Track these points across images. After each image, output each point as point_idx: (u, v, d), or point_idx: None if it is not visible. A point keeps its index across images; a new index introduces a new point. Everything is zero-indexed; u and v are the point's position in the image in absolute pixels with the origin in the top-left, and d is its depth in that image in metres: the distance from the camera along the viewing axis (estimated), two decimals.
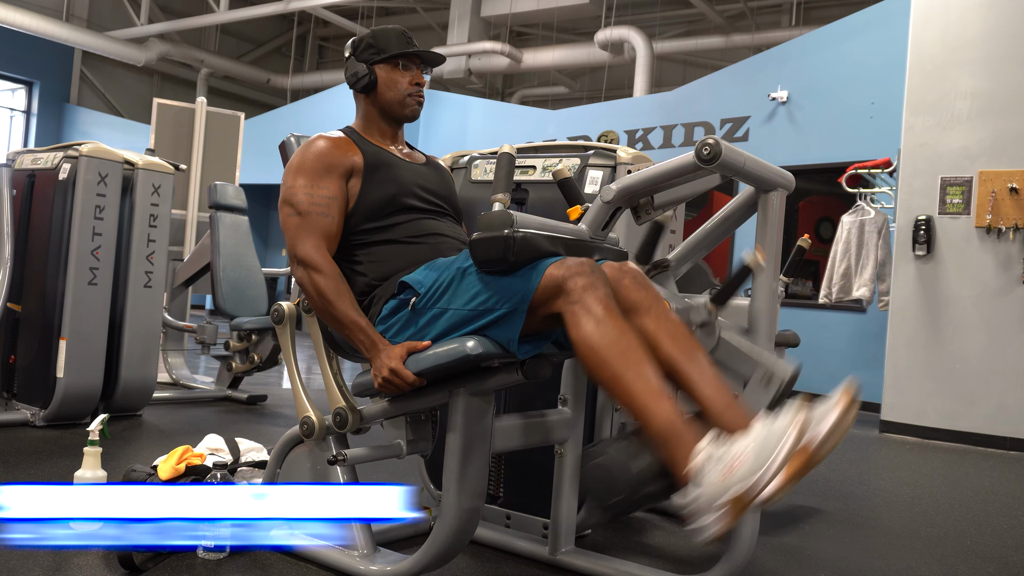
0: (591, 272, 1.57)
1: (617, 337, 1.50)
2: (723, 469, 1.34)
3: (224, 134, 6.59)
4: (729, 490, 1.32)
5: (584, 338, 1.52)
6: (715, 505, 1.33)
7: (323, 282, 1.83)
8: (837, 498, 3.22)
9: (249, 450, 2.33)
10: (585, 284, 1.54)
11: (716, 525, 1.34)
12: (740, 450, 1.35)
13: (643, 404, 1.45)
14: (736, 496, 1.31)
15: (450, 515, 1.75)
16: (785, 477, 1.31)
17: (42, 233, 3.43)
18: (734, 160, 1.64)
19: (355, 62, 2.03)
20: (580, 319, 1.53)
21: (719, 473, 1.34)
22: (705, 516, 1.34)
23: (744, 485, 1.31)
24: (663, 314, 1.64)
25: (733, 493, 1.32)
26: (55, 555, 1.88)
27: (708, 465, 1.36)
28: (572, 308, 1.54)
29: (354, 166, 1.95)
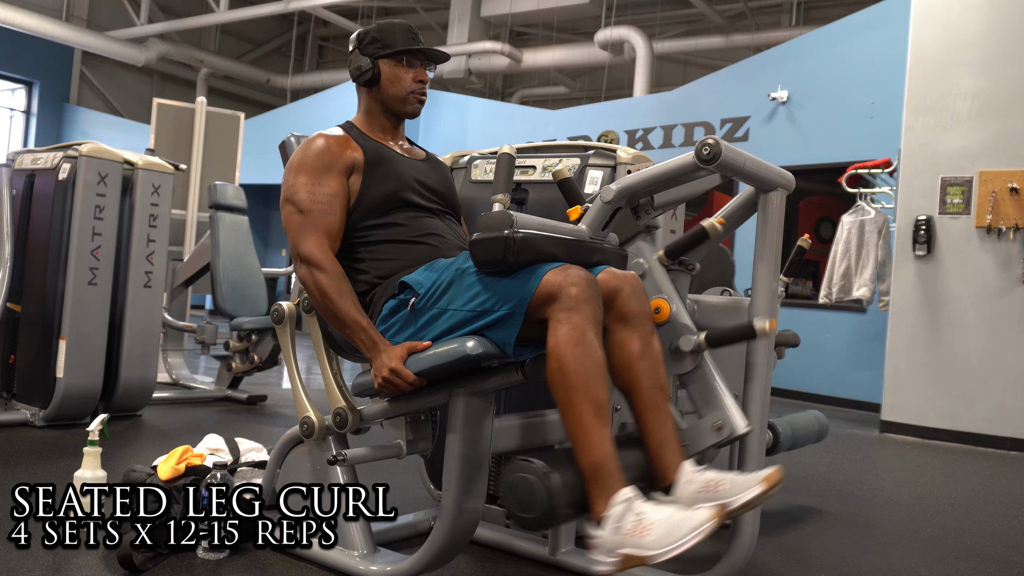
0: (587, 287, 1.58)
1: (588, 364, 1.54)
2: (634, 527, 1.42)
3: (224, 134, 6.59)
4: (630, 548, 1.41)
5: (558, 350, 1.54)
6: (614, 552, 1.43)
7: (326, 280, 1.83)
8: (837, 498, 3.22)
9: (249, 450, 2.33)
10: (579, 297, 1.55)
11: (605, 567, 1.44)
12: (654, 519, 1.42)
13: (586, 436, 1.51)
14: (634, 556, 1.41)
15: (450, 515, 1.75)
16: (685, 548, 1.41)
17: (42, 233, 3.43)
18: (734, 160, 1.64)
19: (359, 55, 2.03)
20: (561, 329, 1.55)
21: (630, 527, 1.43)
22: (602, 555, 1.45)
23: (645, 553, 1.39)
24: (648, 334, 1.69)
25: (632, 552, 1.41)
26: (55, 555, 1.88)
27: (623, 516, 1.44)
28: (559, 315, 1.56)
29: (355, 162, 1.95)
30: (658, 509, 1.45)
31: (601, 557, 1.45)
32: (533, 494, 1.48)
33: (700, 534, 1.38)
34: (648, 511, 1.44)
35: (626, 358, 1.65)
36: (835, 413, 5.94)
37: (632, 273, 1.75)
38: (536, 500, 1.48)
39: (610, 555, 1.43)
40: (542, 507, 1.48)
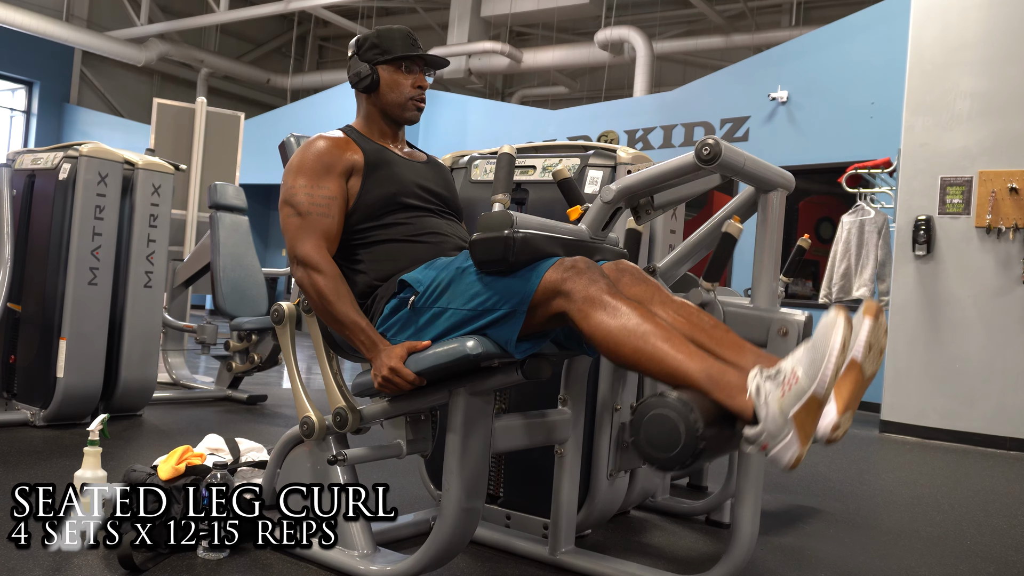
0: (587, 268, 1.57)
1: (628, 314, 1.50)
2: (782, 385, 1.33)
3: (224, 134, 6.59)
4: (794, 404, 1.30)
5: (596, 329, 1.51)
6: (785, 424, 1.31)
7: (323, 282, 1.83)
8: (837, 498, 3.22)
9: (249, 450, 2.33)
10: (585, 282, 1.55)
11: (792, 447, 1.31)
12: (792, 363, 1.34)
13: (676, 363, 1.44)
14: (802, 407, 1.30)
15: (450, 515, 1.75)
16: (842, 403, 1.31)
17: (42, 233, 3.43)
18: (734, 160, 1.64)
19: (358, 61, 2.03)
20: (587, 314, 1.52)
21: (779, 390, 1.32)
22: (778, 440, 1.32)
23: (808, 393, 1.29)
24: (668, 299, 1.65)
25: (799, 405, 1.30)
26: (55, 555, 1.88)
27: (765, 387, 1.35)
28: (577, 307, 1.54)
29: (354, 165, 1.94)
30: (790, 357, 1.35)
31: (778, 447, 1.32)
32: (675, 430, 1.36)
33: (838, 332, 1.28)
34: (783, 366, 1.35)
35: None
36: None
37: (629, 262, 1.75)
38: (681, 433, 1.36)
39: (784, 433, 1.31)
40: (689, 439, 1.35)
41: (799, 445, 1.31)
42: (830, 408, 1.35)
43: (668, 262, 2.32)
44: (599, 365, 2.20)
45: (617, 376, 2.22)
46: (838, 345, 1.28)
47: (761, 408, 1.34)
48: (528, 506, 2.26)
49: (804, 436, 1.31)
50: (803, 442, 1.31)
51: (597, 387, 2.21)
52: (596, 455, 2.21)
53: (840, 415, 1.32)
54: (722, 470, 2.80)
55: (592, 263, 1.60)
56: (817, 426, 1.33)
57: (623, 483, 2.33)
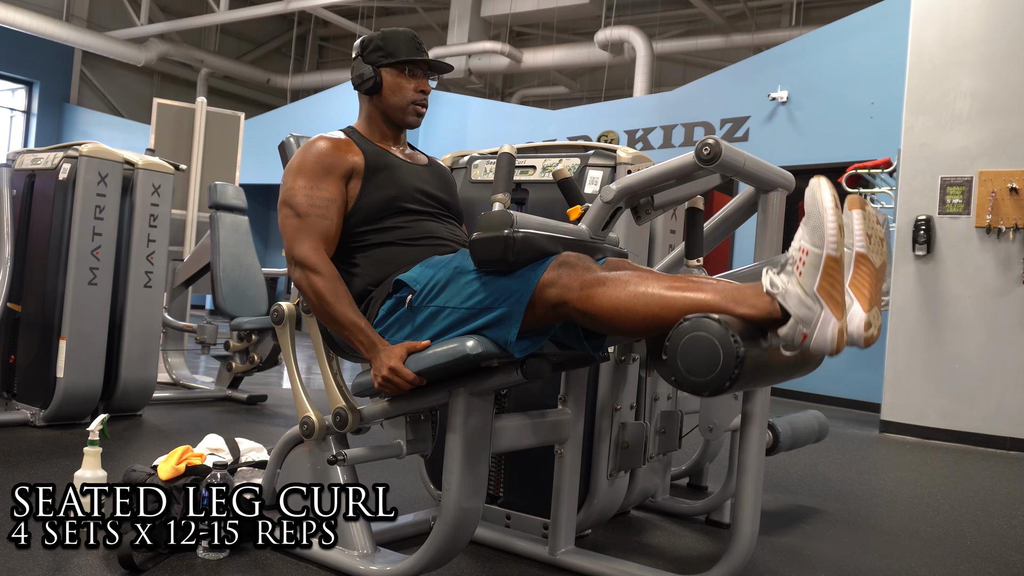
0: (578, 259, 1.59)
1: (629, 282, 1.51)
2: (795, 266, 1.33)
3: (224, 134, 6.59)
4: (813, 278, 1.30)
5: (603, 305, 1.52)
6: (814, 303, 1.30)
7: (321, 283, 1.83)
8: (837, 498, 3.22)
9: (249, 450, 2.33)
10: (579, 271, 1.56)
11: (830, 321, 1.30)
12: (796, 245, 1.34)
13: (689, 300, 1.44)
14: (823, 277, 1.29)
15: (450, 515, 1.75)
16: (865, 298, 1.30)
17: (42, 233, 3.43)
18: (734, 160, 1.64)
19: (362, 63, 2.02)
20: (591, 296, 1.53)
21: (794, 273, 1.33)
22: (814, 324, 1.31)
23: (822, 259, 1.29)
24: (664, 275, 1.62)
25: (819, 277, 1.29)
26: (55, 555, 1.88)
27: (780, 280, 1.35)
28: (577, 295, 1.55)
29: (354, 167, 1.94)
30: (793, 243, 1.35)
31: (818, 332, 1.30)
32: (714, 348, 1.34)
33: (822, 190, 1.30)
34: (788, 254, 1.35)
35: None
36: (835, 413, 5.94)
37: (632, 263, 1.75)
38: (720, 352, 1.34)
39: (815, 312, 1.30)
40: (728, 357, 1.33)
41: (835, 318, 1.30)
42: (855, 308, 1.34)
43: (668, 262, 2.32)
44: (599, 365, 2.20)
45: (617, 376, 2.22)
46: (830, 201, 1.30)
47: (784, 299, 1.34)
48: (528, 506, 2.26)
49: (836, 306, 1.30)
50: (838, 313, 1.30)
51: (597, 387, 2.21)
52: (596, 455, 2.21)
53: (868, 311, 1.31)
54: (722, 470, 2.80)
55: (583, 255, 1.61)
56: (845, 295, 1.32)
57: (623, 483, 2.33)
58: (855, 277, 1.35)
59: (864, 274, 1.33)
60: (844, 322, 1.31)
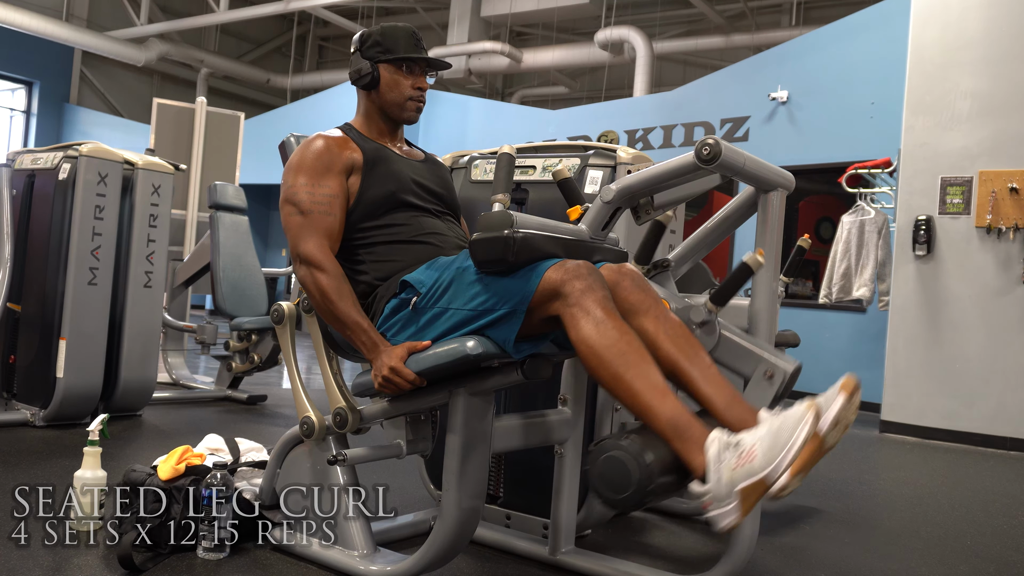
0: (588, 274, 1.57)
1: (617, 338, 1.50)
2: (738, 458, 1.35)
3: (224, 134, 6.59)
4: (744, 480, 1.33)
5: (584, 339, 1.52)
6: (731, 494, 1.34)
7: (326, 281, 1.83)
8: (837, 498, 3.22)
9: (249, 450, 2.33)
10: (583, 287, 1.55)
11: (731, 516, 1.35)
12: (754, 440, 1.36)
13: (647, 402, 1.45)
14: (751, 485, 1.32)
15: (450, 515, 1.75)
16: (796, 467, 1.32)
17: (42, 233, 3.43)
18: (734, 160, 1.64)
19: (360, 58, 2.02)
20: (579, 321, 1.53)
21: (734, 461, 1.35)
22: (720, 506, 1.35)
23: (760, 475, 1.32)
24: (662, 315, 1.64)
25: (748, 482, 1.32)
26: (55, 555, 1.88)
27: (722, 455, 1.37)
28: (571, 311, 1.54)
29: (353, 163, 1.95)
30: (754, 432, 1.37)
31: (719, 511, 1.36)
32: (627, 472, 1.40)
33: (804, 427, 1.31)
34: (744, 438, 1.37)
35: (650, 342, 1.59)
36: None
37: (630, 266, 1.75)
38: (631, 477, 1.39)
39: (728, 501, 1.35)
40: (639, 483, 1.39)
41: (738, 515, 1.35)
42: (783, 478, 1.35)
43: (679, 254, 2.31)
44: None
45: None
46: (800, 442, 1.32)
47: (713, 472, 1.37)
48: (528, 506, 2.26)
49: (745, 508, 1.35)
50: (743, 513, 1.35)
51: (597, 387, 2.21)
52: None
53: (791, 477, 1.33)
54: None
55: (593, 269, 1.60)
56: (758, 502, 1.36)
57: None
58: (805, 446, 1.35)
59: (809, 449, 1.34)
60: (743, 519, 1.36)
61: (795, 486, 1.34)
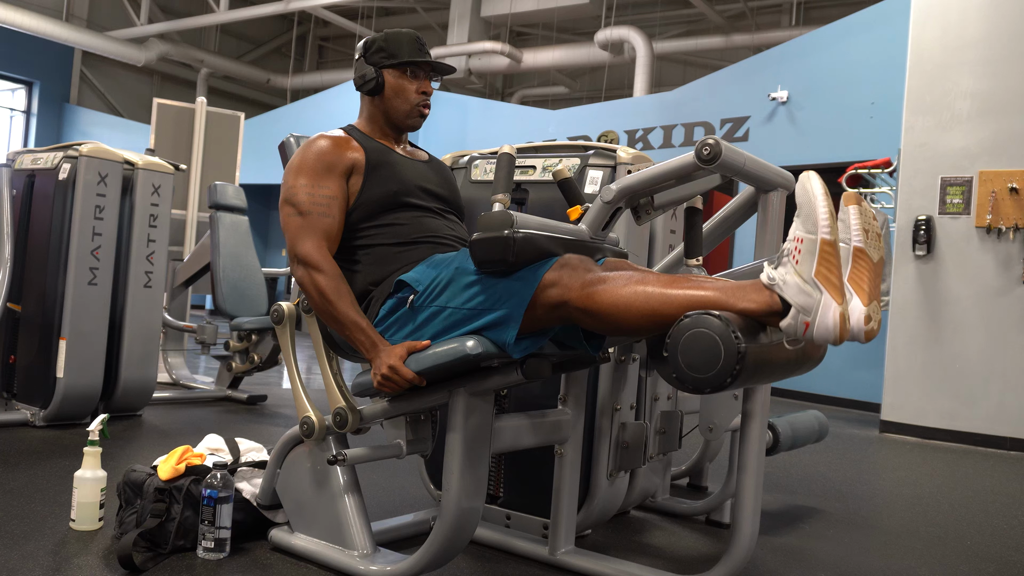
0: (580, 262, 1.60)
1: (629, 280, 1.52)
2: (792, 256, 1.34)
3: (224, 134, 6.59)
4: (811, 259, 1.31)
5: (602, 305, 1.52)
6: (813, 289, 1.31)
7: (324, 282, 1.83)
8: (837, 498, 3.22)
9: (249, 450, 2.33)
10: (580, 272, 1.57)
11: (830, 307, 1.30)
12: (790, 237, 1.35)
13: (689, 297, 1.45)
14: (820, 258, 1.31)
15: (450, 515, 1.75)
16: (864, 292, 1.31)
17: (42, 233, 3.43)
18: (734, 160, 1.64)
19: (364, 63, 2.02)
20: (591, 295, 1.53)
21: (791, 266, 1.34)
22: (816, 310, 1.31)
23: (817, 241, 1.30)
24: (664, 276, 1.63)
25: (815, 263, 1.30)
26: (55, 555, 1.88)
27: (778, 273, 1.36)
28: (577, 294, 1.55)
29: (355, 164, 1.94)
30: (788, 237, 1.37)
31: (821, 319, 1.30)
32: (715, 343, 1.35)
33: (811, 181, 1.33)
34: (784, 246, 1.36)
35: None
36: (835, 413, 5.95)
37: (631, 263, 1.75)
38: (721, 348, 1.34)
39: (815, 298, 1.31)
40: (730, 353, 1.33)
41: (835, 303, 1.31)
42: (855, 302, 1.34)
43: (668, 262, 2.32)
44: (599, 365, 2.20)
45: (617, 376, 2.22)
46: (820, 189, 1.32)
47: (784, 288, 1.35)
48: (528, 506, 2.26)
49: (835, 290, 1.31)
50: (838, 298, 1.31)
51: (597, 387, 2.21)
52: (596, 455, 2.21)
53: (867, 305, 1.31)
54: (722, 470, 2.80)
55: (584, 257, 1.62)
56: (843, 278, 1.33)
57: (623, 483, 2.33)
58: (853, 271, 1.36)
59: (862, 268, 1.34)
60: (845, 306, 1.31)
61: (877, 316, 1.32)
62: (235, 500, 1.99)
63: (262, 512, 2.10)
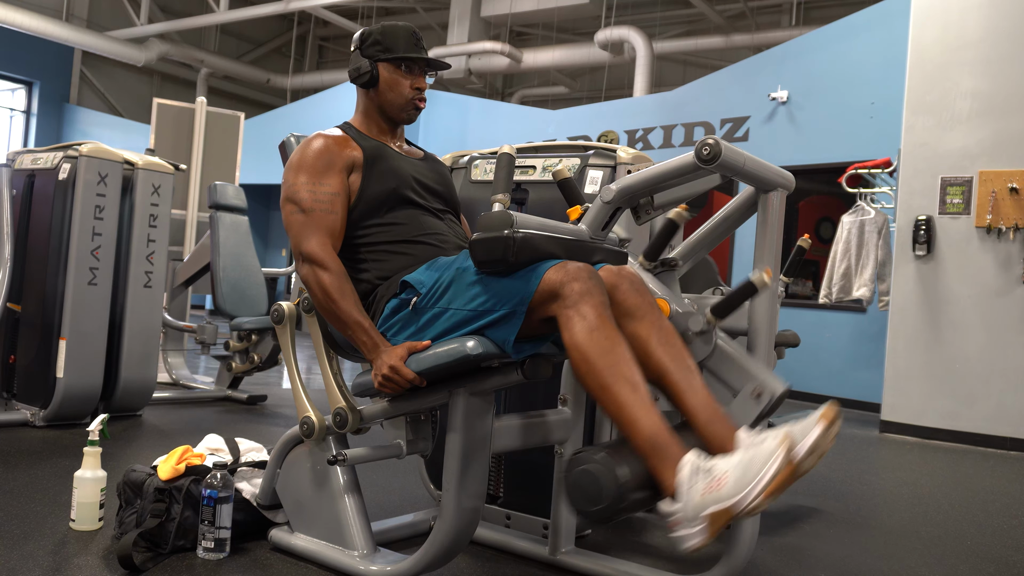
0: (588, 278, 1.57)
1: (609, 347, 1.50)
2: (708, 484, 1.37)
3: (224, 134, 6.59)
4: (712, 505, 1.35)
5: (576, 344, 1.52)
6: (698, 517, 1.37)
7: (329, 279, 1.83)
8: (837, 498, 3.22)
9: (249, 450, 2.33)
10: (581, 290, 1.54)
11: (697, 538, 1.37)
12: (726, 468, 1.37)
13: (630, 415, 1.46)
14: (718, 511, 1.35)
15: (450, 515, 1.75)
16: (768, 492, 1.34)
17: (42, 233, 3.43)
18: (734, 160, 1.64)
19: (360, 56, 2.03)
20: (574, 324, 1.53)
21: (704, 487, 1.37)
22: (687, 527, 1.38)
23: (728, 503, 1.34)
24: (657, 321, 1.65)
25: (716, 508, 1.35)
26: (55, 555, 1.88)
27: (694, 478, 1.39)
28: (567, 312, 1.54)
29: (354, 161, 1.95)
30: (727, 459, 1.38)
31: (685, 532, 1.38)
32: (599, 486, 1.42)
33: (775, 462, 1.32)
34: (717, 464, 1.38)
35: (642, 348, 1.60)
36: None
37: (630, 268, 1.75)
38: (603, 491, 1.42)
39: (694, 524, 1.37)
40: (611, 497, 1.41)
41: (704, 538, 1.37)
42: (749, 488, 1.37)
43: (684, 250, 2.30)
44: None
45: None
46: (770, 475, 1.33)
47: (683, 494, 1.39)
48: (528, 506, 2.26)
49: (712, 532, 1.36)
50: (709, 536, 1.37)
51: None
52: None
53: (764, 499, 1.34)
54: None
55: (594, 273, 1.59)
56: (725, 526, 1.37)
57: None
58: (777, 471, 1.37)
59: (783, 475, 1.35)
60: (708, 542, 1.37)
61: (765, 507, 1.36)
62: (235, 500, 1.99)
63: (262, 512, 2.10)
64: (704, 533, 1.36)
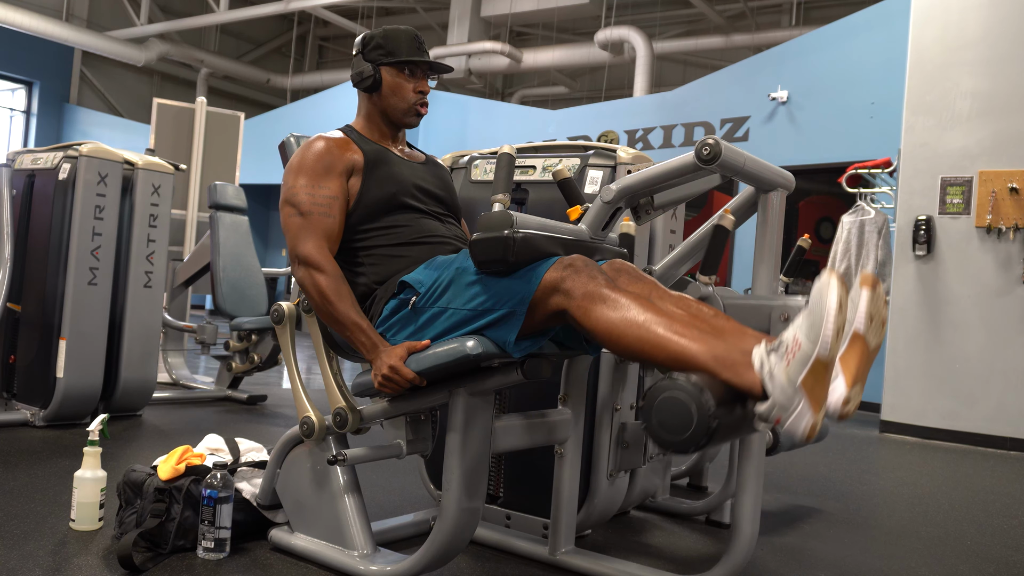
0: (585, 266, 1.57)
1: (628, 307, 1.49)
2: (785, 355, 1.32)
3: (224, 134, 6.59)
4: (800, 371, 1.30)
5: (598, 323, 1.51)
6: (795, 393, 1.30)
7: (325, 282, 1.83)
8: (837, 498, 3.22)
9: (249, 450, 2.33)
10: (583, 279, 1.55)
11: (805, 415, 1.30)
12: (792, 331, 1.33)
13: (679, 348, 1.43)
14: (808, 373, 1.29)
15: (450, 515, 1.75)
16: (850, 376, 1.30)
17: (42, 233, 3.43)
18: (734, 160, 1.64)
19: (362, 60, 2.02)
20: (588, 309, 1.52)
21: (783, 360, 1.32)
22: (791, 410, 1.31)
23: (813, 356, 1.28)
24: (666, 294, 1.64)
25: (805, 371, 1.29)
26: (55, 555, 1.88)
27: (770, 361, 1.34)
28: (576, 303, 1.54)
29: (354, 165, 1.94)
30: (791, 328, 1.34)
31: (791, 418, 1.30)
32: (688, 411, 1.34)
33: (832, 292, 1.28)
34: (784, 337, 1.34)
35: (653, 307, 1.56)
36: None
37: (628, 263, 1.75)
38: (693, 416, 1.33)
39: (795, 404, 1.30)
40: (702, 421, 1.32)
41: (811, 413, 1.30)
42: (838, 382, 1.34)
43: (667, 263, 2.32)
44: (599, 365, 2.20)
45: (617, 376, 2.22)
46: (834, 305, 1.28)
47: (768, 381, 1.34)
48: (528, 506, 2.26)
49: (815, 402, 1.30)
50: (815, 409, 1.30)
51: (597, 387, 2.21)
52: (596, 455, 2.21)
53: (849, 388, 1.31)
54: (722, 470, 2.80)
55: (589, 260, 1.60)
56: (827, 392, 1.32)
57: (623, 483, 2.33)
58: (847, 353, 1.35)
59: (856, 352, 1.33)
60: (819, 417, 1.32)
61: (857, 399, 1.31)
62: (235, 500, 1.99)
63: (262, 512, 2.10)
64: (809, 407, 1.30)
